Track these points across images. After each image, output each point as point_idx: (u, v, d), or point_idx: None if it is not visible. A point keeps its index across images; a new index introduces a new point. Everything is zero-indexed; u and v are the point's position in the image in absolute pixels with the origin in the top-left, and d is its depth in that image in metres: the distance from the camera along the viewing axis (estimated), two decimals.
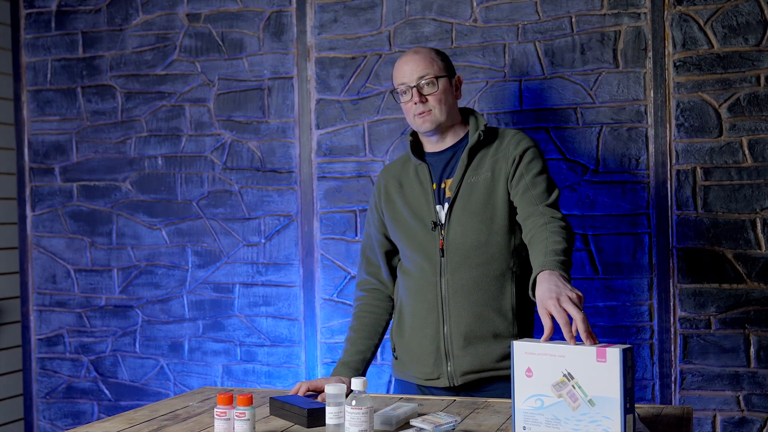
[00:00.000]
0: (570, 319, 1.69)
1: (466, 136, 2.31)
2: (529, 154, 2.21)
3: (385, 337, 3.11)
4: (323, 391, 2.09)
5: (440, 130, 2.28)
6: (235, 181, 3.28)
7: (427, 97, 2.24)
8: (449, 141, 2.31)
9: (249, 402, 1.77)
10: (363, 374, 2.30)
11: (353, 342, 2.34)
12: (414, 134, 2.37)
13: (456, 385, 2.22)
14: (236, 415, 1.77)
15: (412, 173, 2.33)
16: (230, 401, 1.79)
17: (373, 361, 3.19)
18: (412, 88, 2.24)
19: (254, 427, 1.79)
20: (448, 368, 2.22)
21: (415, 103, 2.23)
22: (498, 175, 2.21)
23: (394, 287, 2.39)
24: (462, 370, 2.20)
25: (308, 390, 2.14)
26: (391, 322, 2.41)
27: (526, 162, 2.20)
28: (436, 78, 2.24)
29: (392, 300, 2.40)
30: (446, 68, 2.29)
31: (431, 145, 2.33)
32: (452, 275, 2.21)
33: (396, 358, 2.36)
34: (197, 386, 3.31)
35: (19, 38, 3.52)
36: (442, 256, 2.22)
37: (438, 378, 2.24)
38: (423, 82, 2.23)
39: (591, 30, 2.90)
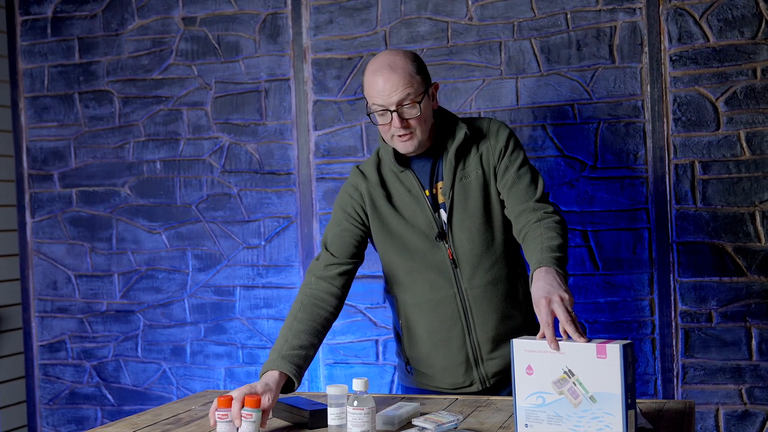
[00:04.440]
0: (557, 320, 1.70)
1: (440, 134, 2.16)
2: (511, 144, 2.13)
3: (389, 338, 3.11)
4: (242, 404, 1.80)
5: (421, 146, 2.13)
6: (234, 184, 3.28)
7: (409, 121, 2.04)
8: (425, 144, 2.15)
9: (257, 404, 1.77)
10: (302, 374, 2.01)
11: (296, 334, 2.05)
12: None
13: (488, 387, 2.20)
14: (243, 416, 1.76)
15: (395, 182, 2.17)
16: (230, 403, 1.79)
17: (374, 361, 3.18)
18: (392, 112, 2.03)
19: (259, 430, 1.79)
20: (480, 374, 2.18)
21: (396, 127, 2.04)
22: (488, 170, 2.13)
23: (340, 303, 2.17)
24: (492, 372, 2.18)
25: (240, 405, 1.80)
26: (391, 338, 2.33)
27: (509, 153, 2.12)
28: (418, 101, 2.03)
29: (338, 309, 2.18)
30: (424, 80, 2.07)
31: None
32: (469, 283, 2.14)
33: (415, 371, 2.26)
34: (200, 390, 3.31)
35: (16, 45, 3.52)
36: (455, 266, 2.14)
37: (471, 384, 2.20)
38: (404, 106, 2.03)
39: (586, 26, 2.90)
